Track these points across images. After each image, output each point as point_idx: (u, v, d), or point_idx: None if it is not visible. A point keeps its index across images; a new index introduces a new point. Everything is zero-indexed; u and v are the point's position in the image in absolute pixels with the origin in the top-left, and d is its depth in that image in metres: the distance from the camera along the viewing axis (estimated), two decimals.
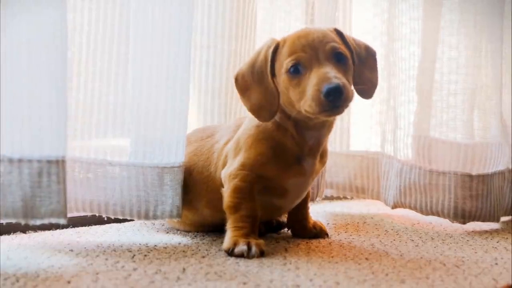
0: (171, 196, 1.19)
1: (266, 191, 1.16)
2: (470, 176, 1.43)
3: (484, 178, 1.44)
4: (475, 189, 1.43)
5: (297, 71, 1.07)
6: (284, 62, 1.09)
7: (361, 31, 1.66)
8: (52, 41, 1.02)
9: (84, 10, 1.18)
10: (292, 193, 1.17)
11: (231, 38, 1.41)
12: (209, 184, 1.20)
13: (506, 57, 1.61)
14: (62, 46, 1.03)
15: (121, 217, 1.20)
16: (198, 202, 1.22)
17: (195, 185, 1.22)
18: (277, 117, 1.15)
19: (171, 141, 1.19)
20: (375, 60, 1.19)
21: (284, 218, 1.34)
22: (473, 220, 1.44)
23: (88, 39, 1.19)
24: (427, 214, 1.47)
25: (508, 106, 1.59)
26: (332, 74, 1.03)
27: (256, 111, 1.13)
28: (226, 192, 1.14)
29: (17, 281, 0.90)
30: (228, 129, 1.23)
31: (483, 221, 1.44)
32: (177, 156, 1.20)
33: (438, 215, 1.46)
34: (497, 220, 1.47)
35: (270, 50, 1.11)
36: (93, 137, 1.20)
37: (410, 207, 1.49)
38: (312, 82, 1.04)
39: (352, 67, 1.12)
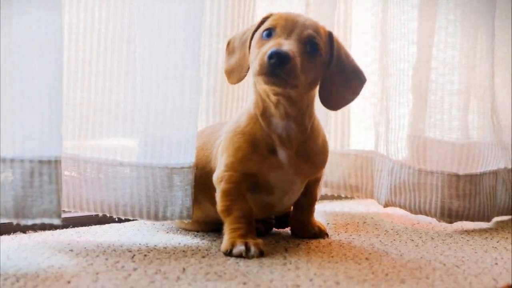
0: (180, 197, 1.19)
1: (254, 189, 1.16)
2: (457, 176, 1.43)
3: (471, 178, 1.44)
4: (462, 188, 1.43)
5: (269, 35, 1.09)
6: (262, 26, 1.11)
7: (360, 30, 1.67)
8: (45, 41, 1.02)
9: (94, 9, 1.18)
10: (277, 188, 1.17)
11: (226, 37, 1.41)
12: (210, 180, 1.19)
13: (505, 57, 1.62)
14: (56, 45, 1.03)
15: (131, 218, 1.20)
16: (201, 196, 1.22)
17: (199, 179, 1.22)
18: (252, 105, 1.15)
19: (180, 141, 1.19)
20: (359, 85, 1.18)
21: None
22: (461, 219, 1.44)
23: (99, 38, 1.19)
24: (415, 213, 1.48)
25: (507, 106, 1.60)
26: (286, 45, 1.04)
27: (228, 72, 1.18)
28: (217, 197, 1.15)
29: (17, 281, 0.90)
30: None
31: (472, 220, 1.45)
32: (187, 156, 1.19)
33: (426, 214, 1.46)
34: (488, 220, 1.47)
35: (261, 19, 1.14)
36: (104, 136, 1.20)
37: (400, 206, 1.50)
38: (267, 46, 1.06)
39: (321, 65, 1.12)
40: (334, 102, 1.17)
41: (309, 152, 1.17)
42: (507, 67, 1.61)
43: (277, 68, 1.02)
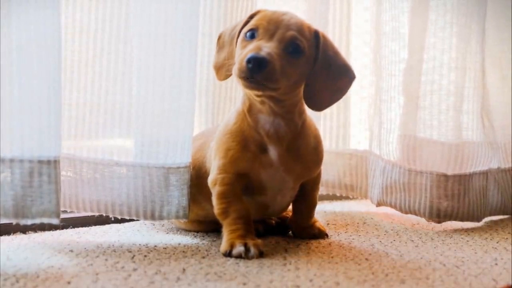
0: (177, 197, 1.19)
1: (247, 190, 1.16)
2: (446, 176, 1.44)
3: (460, 178, 1.45)
4: (451, 188, 1.44)
5: (252, 36, 1.09)
6: (247, 26, 1.11)
7: (360, 31, 1.66)
8: (44, 41, 1.02)
9: (91, 9, 1.18)
10: (270, 188, 1.16)
11: None
12: (206, 181, 1.19)
13: (501, 56, 1.61)
14: (55, 45, 1.03)
15: (127, 217, 1.21)
16: (200, 196, 1.23)
17: (197, 179, 1.22)
18: (240, 102, 1.16)
19: (177, 141, 1.19)
20: (347, 83, 1.16)
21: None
22: (449, 219, 1.45)
23: (95, 38, 1.19)
24: (406, 212, 1.48)
25: (507, 106, 1.60)
26: (266, 49, 1.04)
27: (217, 68, 1.18)
28: (214, 200, 1.15)
29: (17, 281, 0.90)
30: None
31: (461, 220, 1.46)
32: (183, 156, 1.19)
33: (416, 214, 1.47)
34: (478, 220, 1.48)
35: (248, 16, 1.14)
36: (100, 137, 1.21)
37: (391, 206, 1.50)
38: (248, 48, 1.06)
39: (305, 65, 1.11)
40: (317, 101, 1.15)
41: (301, 150, 1.17)
42: (502, 66, 1.61)
43: (254, 72, 1.02)
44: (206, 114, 1.44)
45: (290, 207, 1.29)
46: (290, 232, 1.30)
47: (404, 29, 1.51)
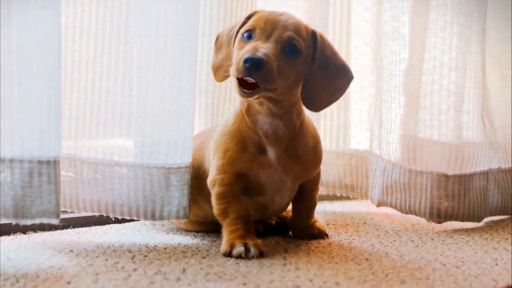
0: (177, 197, 1.19)
1: (246, 190, 1.16)
2: (446, 176, 1.44)
3: (461, 178, 1.45)
4: (451, 189, 1.44)
5: (249, 37, 1.09)
6: (244, 26, 1.11)
7: (360, 31, 1.66)
8: (44, 41, 1.02)
9: (91, 9, 1.18)
10: (268, 188, 1.16)
11: None
12: (205, 180, 1.19)
13: (501, 56, 1.61)
14: (55, 45, 1.03)
15: (128, 218, 1.21)
16: (199, 196, 1.23)
17: (196, 179, 1.22)
18: (239, 103, 1.16)
19: (177, 141, 1.19)
20: (345, 83, 1.16)
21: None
22: (450, 219, 1.45)
23: (96, 38, 1.19)
24: (406, 213, 1.48)
25: (508, 106, 1.60)
26: (263, 50, 1.04)
27: (215, 69, 1.18)
28: (213, 200, 1.15)
29: (17, 281, 0.90)
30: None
31: (461, 220, 1.46)
32: (183, 157, 1.19)
33: (416, 214, 1.47)
34: (478, 220, 1.48)
35: (246, 16, 1.14)
36: (101, 137, 1.21)
37: (391, 206, 1.51)
38: (245, 49, 1.06)
39: (302, 66, 1.11)
40: (315, 102, 1.15)
41: (299, 151, 1.16)
42: (502, 66, 1.61)
43: (252, 72, 1.02)
44: (206, 114, 1.44)
45: (290, 207, 1.29)
46: (290, 232, 1.30)
47: (404, 29, 1.51)
